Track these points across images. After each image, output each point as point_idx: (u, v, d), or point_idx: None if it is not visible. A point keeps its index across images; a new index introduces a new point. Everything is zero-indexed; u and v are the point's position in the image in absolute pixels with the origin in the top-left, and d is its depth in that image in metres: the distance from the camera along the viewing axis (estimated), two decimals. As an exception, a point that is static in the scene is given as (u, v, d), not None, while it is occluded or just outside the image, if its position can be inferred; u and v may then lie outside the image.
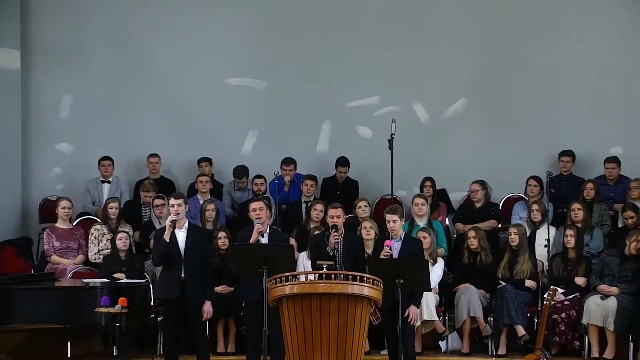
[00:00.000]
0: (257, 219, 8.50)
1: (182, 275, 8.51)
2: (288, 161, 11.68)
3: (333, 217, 8.84)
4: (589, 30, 11.83)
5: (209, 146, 12.07)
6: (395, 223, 8.44)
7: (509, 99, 11.98)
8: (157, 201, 10.73)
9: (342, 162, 11.74)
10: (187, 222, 8.70)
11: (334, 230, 8.67)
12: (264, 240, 8.49)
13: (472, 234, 10.11)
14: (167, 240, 8.46)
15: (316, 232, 9.77)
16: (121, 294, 8.65)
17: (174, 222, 8.44)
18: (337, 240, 8.63)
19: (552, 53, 11.88)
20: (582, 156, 11.63)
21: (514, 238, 9.97)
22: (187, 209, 8.74)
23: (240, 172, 11.60)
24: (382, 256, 8.26)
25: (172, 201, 8.59)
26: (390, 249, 8.25)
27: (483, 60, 12.00)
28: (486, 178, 11.25)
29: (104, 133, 12.13)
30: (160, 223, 10.58)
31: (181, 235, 8.58)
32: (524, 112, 11.93)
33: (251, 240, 8.39)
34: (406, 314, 8.26)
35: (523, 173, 11.35)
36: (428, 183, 11.25)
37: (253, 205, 8.64)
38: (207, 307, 8.61)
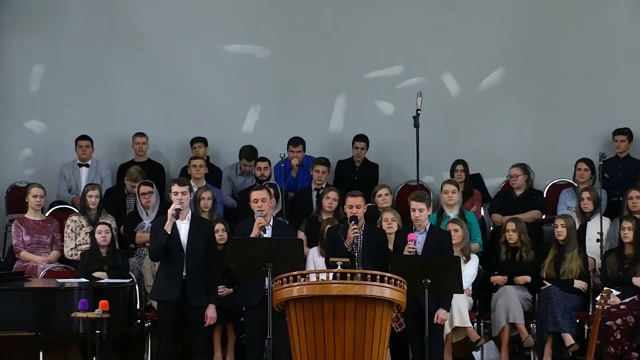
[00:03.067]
0: (258, 211, 8.51)
1: (184, 274, 8.56)
2: (296, 141, 11.69)
3: (352, 207, 8.81)
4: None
5: (203, 124, 12.10)
6: (421, 212, 8.47)
7: (554, 68, 11.96)
8: (144, 188, 10.73)
9: (360, 137, 11.75)
10: (190, 212, 8.75)
11: (353, 222, 8.65)
12: (267, 234, 8.51)
13: (511, 226, 10.09)
14: (169, 232, 8.48)
15: (328, 225, 9.74)
16: (102, 296, 8.64)
17: (177, 211, 8.47)
18: (357, 234, 8.61)
19: (604, 12, 11.81)
20: (640, 135, 11.65)
21: (560, 231, 9.95)
22: (192, 198, 8.77)
23: (250, 153, 11.61)
24: (405, 252, 8.23)
25: (175, 188, 8.63)
26: (415, 244, 8.24)
27: (524, 22, 11.98)
28: (528, 161, 11.24)
29: (81, 109, 12.15)
30: (147, 214, 10.59)
31: (183, 228, 8.63)
32: (573, 84, 11.91)
33: (251, 236, 8.40)
34: (434, 319, 8.24)
35: (571, 155, 11.35)
36: (460, 167, 11.25)
37: (254, 194, 8.64)
38: (211, 312, 8.67)
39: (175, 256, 8.57)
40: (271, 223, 8.64)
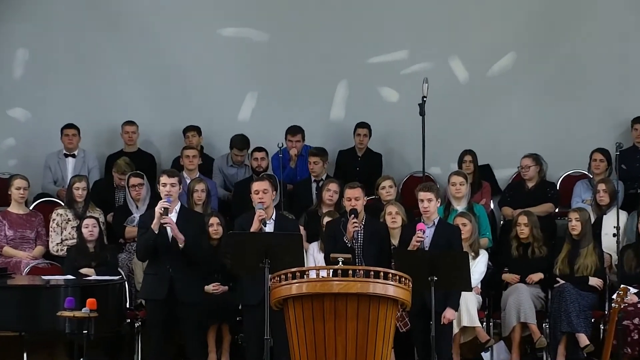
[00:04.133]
0: (259, 203, 8.49)
1: (172, 270, 8.60)
2: (294, 130, 11.69)
3: (351, 200, 8.83)
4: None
5: (197, 112, 12.11)
6: (430, 202, 8.49)
7: (569, 52, 11.97)
8: (134, 180, 10.72)
9: (362, 124, 11.77)
10: (179, 204, 8.76)
11: (353, 215, 8.64)
12: (269, 228, 8.51)
13: (522, 220, 10.08)
14: (156, 232, 8.50)
15: (326, 218, 9.74)
16: (90, 294, 8.62)
17: (166, 210, 8.46)
18: (356, 229, 8.60)
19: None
20: (661, 124, 11.63)
21: (574, 225, 9.94)
22: (180, 190, 8.78)
23: (241, 142, 11.60)
24: (413, 244, 8.26)
25: (164, 179, 8.63)
26: (424, 233, 8.25)
27: (537, 3, 11.98)
28: (540, 151, 11.23)
29: (67, 96, 12.13)
30: (137, 207, 10.58)
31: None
32: (588, 69, 11.92)
33: (252, 230, 8.40)
34: (441, 319, 8.24)
35: (586, 145, 11.36)
36: (468, 157, 11.25)
37: (255, 185, 8.63)
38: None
39: (163, 252, 8.59)
40: (273, 217, 8.64)
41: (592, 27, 11.89)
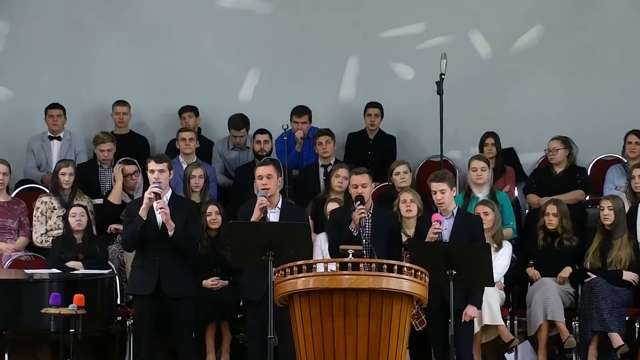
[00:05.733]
0: (263, 189, 8.50)
1: (161, 262, 8.59)
2: (301, 111, 11.69)
3: (357, 186, 8.86)
4: None
5: (194, 91, 12.13)
6: (443, 194, 8.46)
7: (601, 25, 11.96)
8: (128, 168, 10.79)
9: (374, 103, 11.77)
10: (170, 191, 8.75)
11: (358, 202, 8.63)
12: (274, 218, 8.51)
13: (550, 209, 10.08)
14: (144, 218, 8.48)
15: (330, 205, 9.77)
16: (77, 289, 8.66)
17: (156, 195, 8.45)
18: (363, 216, 8.60)
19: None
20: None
21: (607, 214, 9.93)
22: (171, 177, 8.78)
23: (238, 121, 11.60)
24: (430, 236, 8.25)
25: (152, 165, 8.62)
26: (440, 224, 8.25)
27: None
28: (569, 133, 11.23)
29: (52, 73, 12.14)
30: (129, 196, 10.59)
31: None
32: (622, 43, 11.93)
33: (252, 219, 8.40)
34: (461, 317, 8.26)
35: (620, 126, 11.36)
36: (490, 140, 11.26)
37: (259, 170, 8.63)
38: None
39: (151, 243, 8.58)
40: (279, 205, 8.63)
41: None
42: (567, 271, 9.90)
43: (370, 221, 8.75)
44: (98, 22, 12.18)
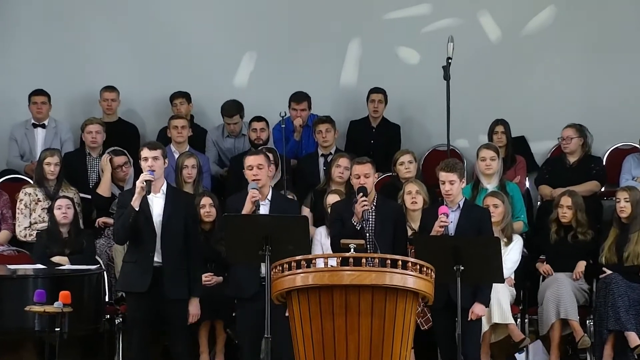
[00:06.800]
0: (253, 181, 8.52)
1: (156, 259, 8.58)
2: (299, 97, 11.70)
3: (360, 177, 8.83)
4: None
5: (186, 77, 12.14)
6: (452, 185, 8.46)
7: (617, 6, 11.96)
8: (118, 159, 10.78)
9: (377, 89, 11.77)
10: (165, 183, 8.75)
11: (361, 194, 8.66)
12: (263, 211, 8.51)
13: (564, 201, 10.08)
14: (137, 209, 8.48)
15: (330, 197, 9.77)
16: (63, 286, 8.65)
17: (148, 183, 8.46)
18: (366, 208, 8.61)
19: None
20: None
21: (623, 207, 9.95)
22: (166, 165, 8.79)
23: (230, 108, 11.62)
24: (436, 229, 8.26)
25: (145, 152, 8.63)
26: (447, 217, 8.25)
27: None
28: (584, 121, 11.24)
29: (36, 57, 12.15)
30: (118, 188, 10.60)
31: (157, 203, 8.64)
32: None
33: (243, 212, 8.41)
34: (468, 315, 8.27)
35: (638, 113, 11.42)
36: (500, 128, 11.27)
37: (249, 160, 8.65)
38: (193, 309, 8.70)
39: (146, 238, 8.56)
40: (269, 197, 8.65)
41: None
42: (582, 265, 9.91)
43: (373, 214, 8.76)
44: (84, 4, 12.19)
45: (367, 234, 8.65)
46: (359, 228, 8.60)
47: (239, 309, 8.81)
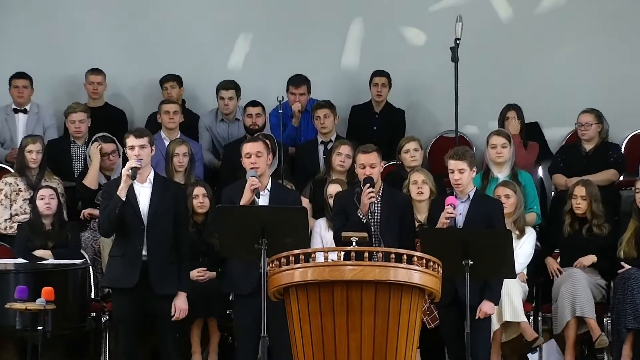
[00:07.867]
0: (252, 169, 8.51)
1: (144, 252, 8.59)
2: (298, 81, 11.71)
3: (365, 167, 8.85)
4: None
5: (177, 59, 12.16)
6: (462, 174, 8.47)
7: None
8: (107, 147, 10.79)
9: (380, 72, 11.77)
10: (152, 172, 8.76)
11: (368, 185, 8.64)
12: (263, 202, 8.51)
13: (578, 191, 10.08)
14: (123, 199, 8.48)
15: (332, 187, 9.76)
16: (46, 281, 8.68)
17: (134, 170, 8.48)
18: (373, 200, 8.60)
19: None
20: None
21: (643, 197, 9.95)
22: (153, 153, 8.80)
23: (227, 81, 11.64)
24: (441, 221, 8.27)
25: (131, 140, 8.64)
26: (454, 209, 8.23)
27: None
28: (601, 106, 11.23)
29: (18, 38, 12.17)
30: (105, 177, 10.60)
31: (144, 193, 8.66)
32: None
33: (242, 202, 8.41)
34: (477, 312, 8.27)
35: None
36: (512, 114, 11.26)
37: (247, 147, 8.66)
38: (180, 303, 8.69)
39: (133, 230, 8.57)
40: (268, 186, 8.64)
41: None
42: (589, 259, 9.88)
43: (379, 205, 8.75)
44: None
45: (373, 227, 8.65)
46: (364, 222, 8.58)
47: (235, 306, 8.82)
